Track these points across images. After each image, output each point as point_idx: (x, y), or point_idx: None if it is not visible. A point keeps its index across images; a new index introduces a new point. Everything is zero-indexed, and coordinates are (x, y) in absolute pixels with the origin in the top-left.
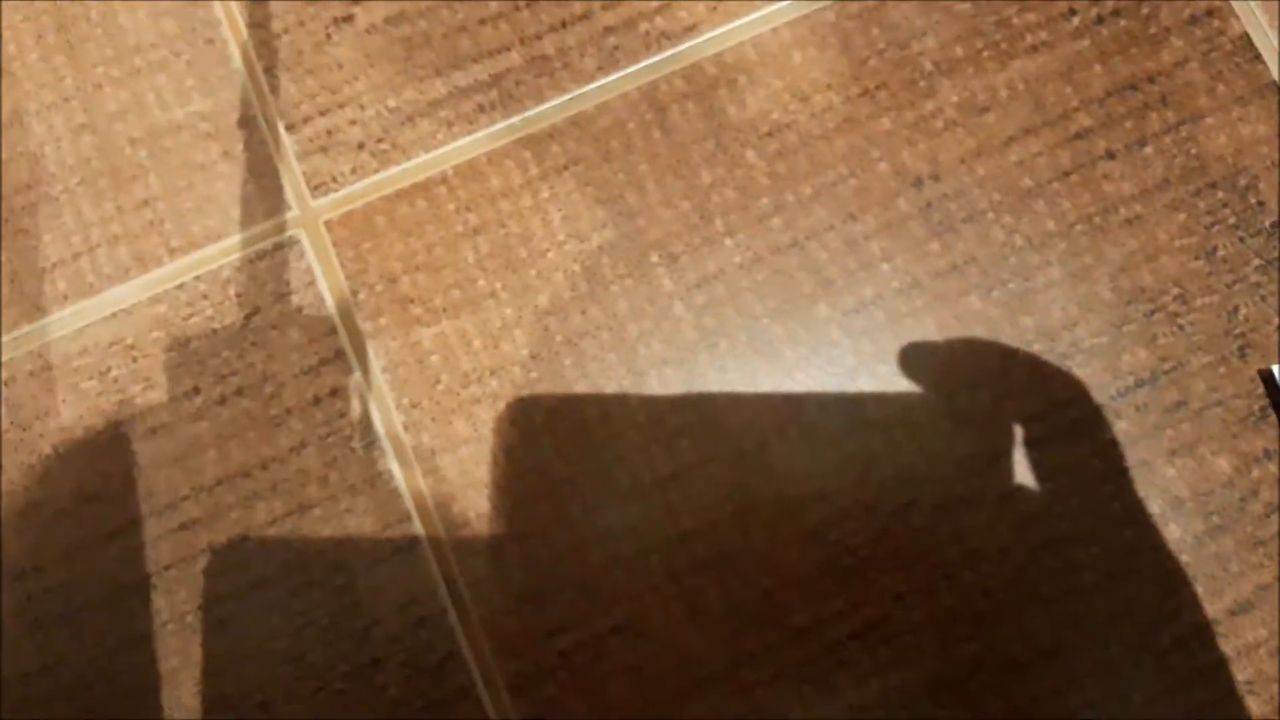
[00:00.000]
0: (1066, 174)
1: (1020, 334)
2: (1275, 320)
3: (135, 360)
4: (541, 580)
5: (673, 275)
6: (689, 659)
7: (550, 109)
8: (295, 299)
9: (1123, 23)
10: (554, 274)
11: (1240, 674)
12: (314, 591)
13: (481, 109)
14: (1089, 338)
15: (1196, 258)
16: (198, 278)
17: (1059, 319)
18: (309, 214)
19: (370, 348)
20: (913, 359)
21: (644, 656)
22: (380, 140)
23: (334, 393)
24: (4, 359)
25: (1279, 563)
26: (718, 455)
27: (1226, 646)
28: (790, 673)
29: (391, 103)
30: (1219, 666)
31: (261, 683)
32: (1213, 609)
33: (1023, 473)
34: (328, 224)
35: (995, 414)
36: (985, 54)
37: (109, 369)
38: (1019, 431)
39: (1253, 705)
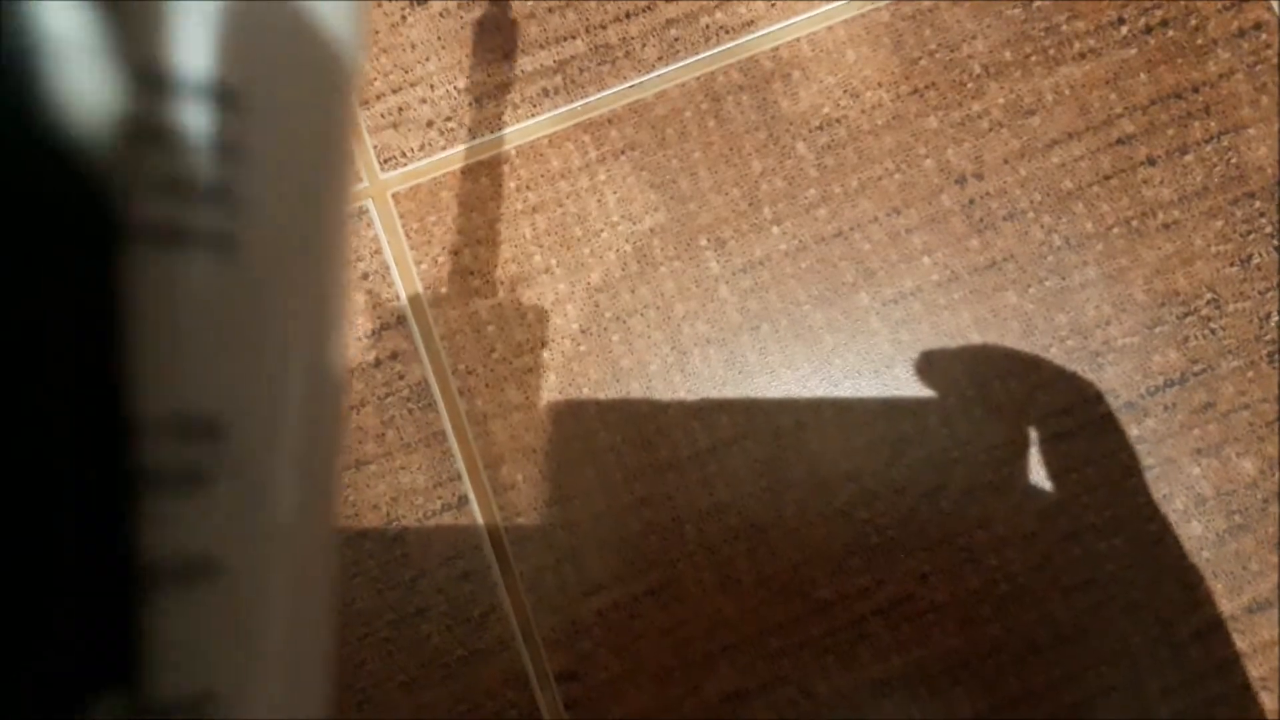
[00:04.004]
0: (1107, 178)
1: (1055, 330)
2: None
3: None
4: (581, 542)
5: (720, 259)
6: (718, 624)
7: (611, 95)
8: (362, 266)
9: (1170, 33)
10: (606, 253)
11: (1255, 670)
12: (366, 541)
13: (546, 93)
14: (1121, 337)
15: (1231, 264)
16: None
17: (1093, 318)
18: (378, 186)
19: (430, 315)
20: (949, 349)
21: (676, 619)
22: (448, 119)
23: (394, 356)
24: None
25: None
26: (754, 432)
27: (1243, 643)
28: (814, 643)
29: (460, 84)
30: (1235, 662)
31: None
32: (1231, 605)
33: (1050, 463)
34: (395, 196)
35: (1026, 405)
36: (1033, 59)
37: None
38: (1049, 423)
39: (1266, 701)
